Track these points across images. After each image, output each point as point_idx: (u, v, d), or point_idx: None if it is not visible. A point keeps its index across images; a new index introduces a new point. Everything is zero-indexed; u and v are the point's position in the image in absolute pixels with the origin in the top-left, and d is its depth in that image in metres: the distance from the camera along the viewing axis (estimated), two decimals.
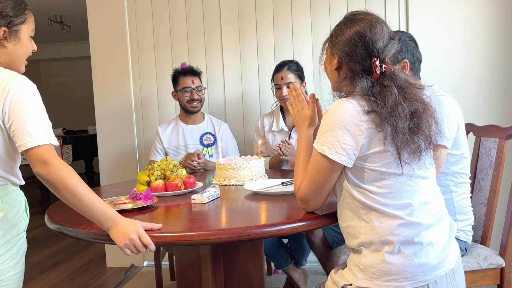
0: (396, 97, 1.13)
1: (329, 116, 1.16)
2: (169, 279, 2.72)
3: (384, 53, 1.20)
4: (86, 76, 7.05)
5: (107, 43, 2.99)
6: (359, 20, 1.20)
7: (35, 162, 1.16)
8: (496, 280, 1.68)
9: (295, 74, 2.40)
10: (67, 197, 1.16)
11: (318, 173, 1.19)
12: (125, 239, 1.16)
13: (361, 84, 1.17)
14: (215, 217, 1.44)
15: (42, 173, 1.16)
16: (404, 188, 1.15)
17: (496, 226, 1.85)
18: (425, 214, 1.15)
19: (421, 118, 1.15)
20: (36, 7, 4.88)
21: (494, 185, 1.75)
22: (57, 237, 3.84)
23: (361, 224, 1.17)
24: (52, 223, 1.42)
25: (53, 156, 1.17)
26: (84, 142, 5.34)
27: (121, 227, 1.18)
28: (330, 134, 1.14)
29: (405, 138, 1.12)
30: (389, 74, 1.18)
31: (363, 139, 1.12)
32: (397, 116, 1.11)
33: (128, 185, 2.06)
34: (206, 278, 1.49)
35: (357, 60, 1.19)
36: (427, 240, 1.14)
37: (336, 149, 1.14)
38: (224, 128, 2.66)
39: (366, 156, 1.14)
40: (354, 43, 1.19)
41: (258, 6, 2.85)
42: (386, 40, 1.20)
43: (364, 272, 1.15)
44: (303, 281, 2.28)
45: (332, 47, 1.26)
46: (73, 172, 1.17)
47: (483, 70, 2.66)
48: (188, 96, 2.53)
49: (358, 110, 1.13)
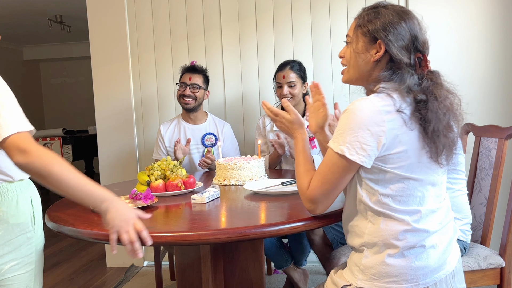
0: (446, 94, 1.11)
1: (349, 116, 1.10)
2: (169, 279, 2.72)
3: (428, 49, 1.17)
4: (86, 76, 7.04)
5: (107, 43, 2.99)
6: (405, 13, 1.16)
7: (13, 152, 1.08)
8: (496, 280, 1.68)
9: (297, 74, 2.41)
10: (55, 185, 1.10)
11: (333, 174, 1.14)
12: (124, 218, 1.12)
13: (403, 79, 1.11)
14: (215, 217, 1.44)
15: (23, 163, 1.08)
16: (415, 193, 1.12)
17: (496, 226, 1.85)
18: (431, 221, 1.14)
19: (450, 118, 1.12)
20: (36, 7, 4.88)
21: (494, 185, 1.75)
22: (57, 237, 3.83)
23: (367, 225, 1.16)
24: (52, 223, 1.41)
25: (31, 143, 1.09)
26: (84, 142, 5.34)
27: (118, 209, 1.13)
28: (350, 133, 1.09)
29: (440, 138, 1.10)
30: (431, 73, 1.15)
31: (384, 139, 1.08)
32: (441, 115, 1.09)
33: (128, 185, 2.06)
34: (206, 278, 1.49)
35: (404, 54, 1.13)
36: (429, 244, 1.13)
37: (356, 149, 1.09)
38: (227, 129, 2.65)
39: (384, 157, 1.10)
40: (403, 35, 1.13)
41: (258, 6, 2.85)
42: (427, 37, 1.17)
43: (364, 272, 1.15)
44: (303, 281, 2.28)
45: (371, 35, 1.16)
46: (57, 156, 1.11)
47: (483, 70, 2.66)
48: (181, 91, 2.53)
49: (380, 110, 1.08)
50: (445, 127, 1.10)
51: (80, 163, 6.38)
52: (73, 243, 3.72)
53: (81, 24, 4.77)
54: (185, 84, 2.53)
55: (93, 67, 3.03)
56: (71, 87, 7.81)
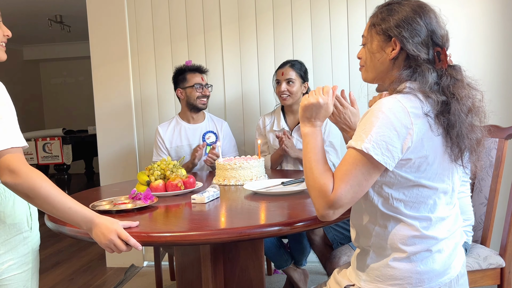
0: (467, 92, 1.05)
1: (375, 114, 1.03)
2: (169, 279, 2.71)
3: (447, 43, 1.12)
4: (86, 76, 7.04)
5: (107, 43, 2.99)
6: (420, 7, 1.12)
7: (3, 171, 1.09)
8: (496, 280, 1.68)
9: (297, 72, 2.41)
10: (41, 206, 1.14)
11: (363, 175, 1.04)
12: (105, 239, 1.17)
13: (425, 77, 1.06)
14: (215, 217, 1.44)
15: (11, 183, 1.10)
16: (427, 201, 1.09)
17: (496, 226, 1.85)
18: (440, 229, 1.11)
19: (472, 118, 1.07)
20: (36, 7, 4.88)
21: (494, 185, 1.75)
22: (57, 237, 3.83)
23: (374, 227, 1.13)
24: (52, 223, 1.42)
25: (20, 163, 1.10)
26: (84, 142, 5.33)
27: (99, 227, 1.17)
28: (377, 132, 1.02)
29: (464, 140, 1.05)
30: (453, 67, 1.10)
31: (410, 142, 1.02)
32: (463, 116, 1.04)
33: (128, 185, 2.06)
34: (206, 278, 1.49)
35: (421, 50, 1.09)
36: (436, 249, 1.11)
37: (382, 149, 1.01)
38: (225, 126, 2.67)
39: (405, 160, 1.05)
40: (419, 30, 1.09)
41: (258, 6, 2.85)
42: (445, 28, 1.13)
43: (368, 274, 1.13)
44: (303, 281, 2.28)
45: (386, 33, 1.12)
46: (45, 178, 1.13)
47: (483, 70, 2.66)
48: (200, 92, 2.54)
49: (409, 112, 1.02)
50: (468, 128, 1.06)
51: (80, 163, 6.39)
52: (73, 243, 3.72)
53: (81, 24, 4.77)
54: (201, 85, 2.54)
55: (93, 67, 3.03)
56: (71, 87, 7.81)
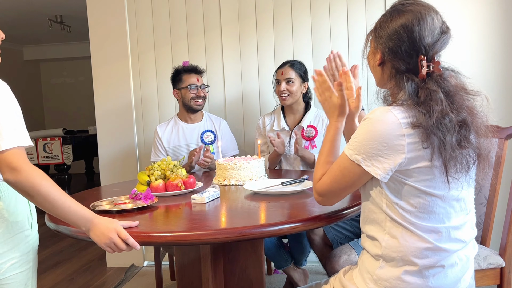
0: (443, 107, 1.01)
1: (368, 125, 1.05)
2: (169, 279, 2.71)
3: (433, 51, 1.07)
4: (86, 76, 7.05)
5: (107, 43, 2.99)
6: (407, 12, 1.08)
7: (4, 168, 1.11)
8: (496, 280, 1.68)
9: (296, 72, 2.41)
10: (41, 204, 1.15)
11: (344, 177, 1.10)
12: (105, 238, 1.17)
13: (406, 87, 1.05)
14: (215, 217, 1.44)
15: (12, 181, 1.11)
16: (437, 210, 1.06)
17: (496, 226, 1.85)
18: (453, 240, 1.09)
19: (469, 129, 1.04)
20: (36, 7, 4.88)
21: (494, 185, 1.75)
22: (57, 237, 3.83)
23: (384, 237, 1.10)
24: (52, 223, 1.42)
25: (22, 161, 1.12)
26: (84, 142, 5.33)
27: (99, 227, 1.18)
28: (368, 144, 1.04)
29: (454, 154, 1.01)
30: (436, 77, 1.06)
31: (403, 154, 1.02)
32: (444, 129, 1.00)
33: (128, 185, 2.06)
34: (206, 278, 1.49)
35: (402, 58, 1.07)
36: (449, 263, 1.08)
37: (372, 161, 1.04)
38: (224, 125, 2.67)
39: (408, 170, 1.04)
40: (400, 38, 1.07)
41: (258, 6, 2.85)
42: (437, 35, 1.07)
43: (377, 283, 1.10)
44: (303, 281, 2.28)
45: (376, 40, 1.13)
46: (45, 177, 1.14)
47: (483, 70, 2.66)
48: (194, 93, 2.53)
49: (401, 123, 1.01)
50: (457, 140, 1.02)
51: (80, 163, 6.39)
52: (73, 243, 3.72)
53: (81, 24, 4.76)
54: (195, 85, 2.53)
55: (93, 67, 3.03)
56: (71, 87, 7.82)
